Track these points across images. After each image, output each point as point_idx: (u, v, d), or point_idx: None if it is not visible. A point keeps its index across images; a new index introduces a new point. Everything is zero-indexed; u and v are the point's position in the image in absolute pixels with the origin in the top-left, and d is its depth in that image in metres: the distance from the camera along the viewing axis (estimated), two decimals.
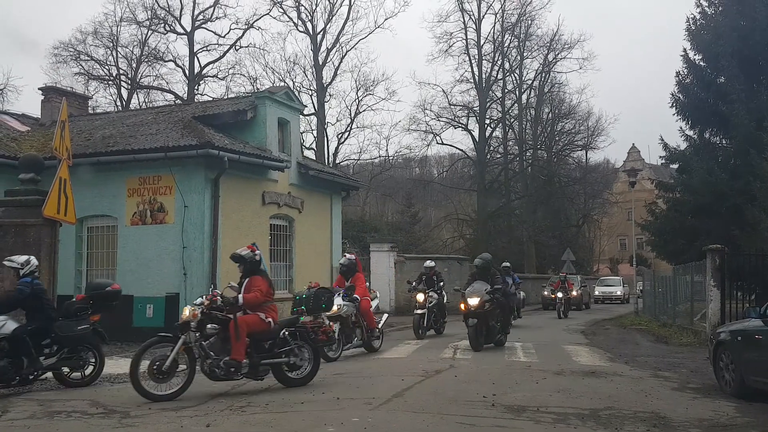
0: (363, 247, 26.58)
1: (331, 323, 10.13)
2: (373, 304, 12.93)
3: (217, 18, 38.18)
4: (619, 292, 37.78)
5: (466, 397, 7.62)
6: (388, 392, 7.83)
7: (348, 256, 12.81)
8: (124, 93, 37.95)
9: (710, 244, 14.82)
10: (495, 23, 43.11)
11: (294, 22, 39.63)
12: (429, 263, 16.38)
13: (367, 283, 13.13)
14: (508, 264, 19.59)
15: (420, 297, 15.38)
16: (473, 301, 12.37)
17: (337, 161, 39.90)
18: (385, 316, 13.58)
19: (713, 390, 8.40)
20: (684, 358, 12.13)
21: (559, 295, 24.03)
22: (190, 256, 13.48)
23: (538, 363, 10.95)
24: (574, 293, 27.41)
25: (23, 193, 10.71)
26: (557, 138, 46.92)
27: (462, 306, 12.85)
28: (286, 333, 8.28)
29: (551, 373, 9.66)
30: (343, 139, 41.04)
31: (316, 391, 7.99)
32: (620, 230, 59.14)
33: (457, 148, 45.65)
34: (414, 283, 16.02)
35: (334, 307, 11.17)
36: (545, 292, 30.00)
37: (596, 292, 37.42)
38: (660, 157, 23.69)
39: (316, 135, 39.88)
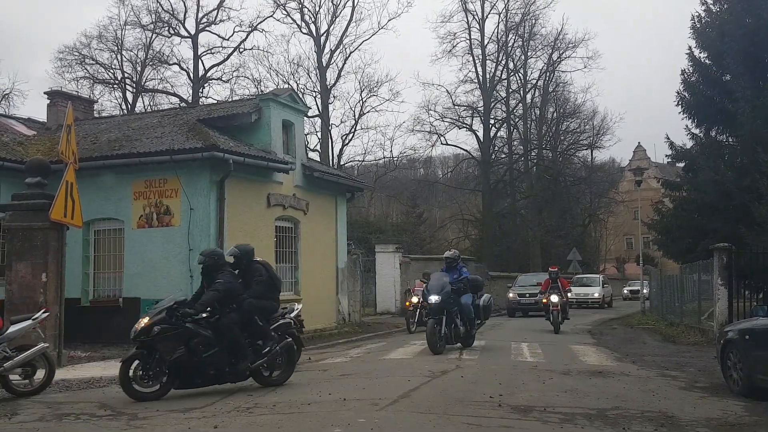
0: (368, 248, 26.59)
1: None
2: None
3: (221, 21, 38.37)
4: (597, 294, 31.88)
5: (473, 397, 7.62)
6: (394, 393, 7.83)
7: None
8: (129, 96, 38.14)
9: (717, 243, 14.78)
10: (499, 23, 43.30)
11: (297, 24, 39.76)
12: (234, 250, 9.18)
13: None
14: (451, 253, 13.89)
15: None
16: (140, 323, 8.04)
17: (342, 163, 39.95)
18: (41, 345, 8.52)
19: (721, 389, 8.37)
20: (691, 357, 12.10)
21: (553, 299, 17.55)
22: (196, 259, 13.49)
23: (544, 363, 10.94)
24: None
25: (30, 197, 10.76)
26: (562, 137, 46.92)
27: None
28: None
29: (558, 373, 9.65)
30: (347, 141, 41.15)
31: (322, 392, 8.01)
32: (626, 229, 59.04)
33: (461, 148, 45.82)
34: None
35: None
36: (510, 294, 26.45)
37: (569, 294, 34.59)
38: (666, 155, 23.61)
39: (320, 137, 40.00)
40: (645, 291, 28.61)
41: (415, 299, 18.92)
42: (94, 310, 14.09)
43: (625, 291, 45.40)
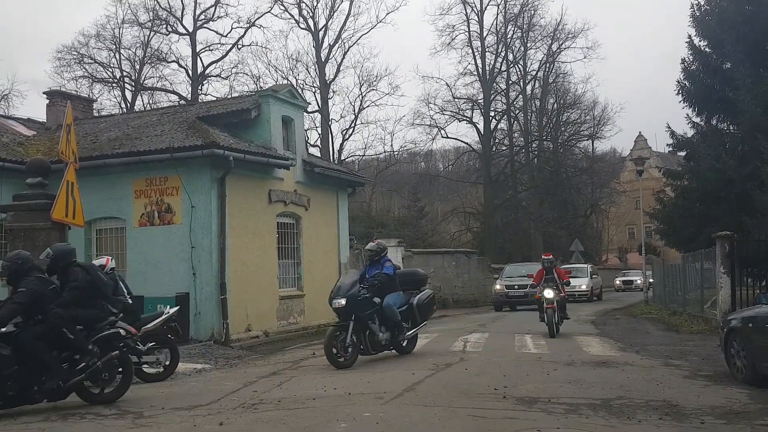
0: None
1: None
2: None
3: (218, 17, 38.27)
4: (584, 287, 28.31)
5: (477, 389, 7.63)
6: (399, 386, 7.85)
7: None
8: (129, 95, 38.17)
9: (719, 231, 14.75)
10: (497, 14, 43.15)
11: (295, 19, 39.70)
12: (47, 252, 8.05)
13: None
14: (373, 245, 11.33)
15: None
16: None
17: (342, 158, 39.94)
18: None
19: (725, 377, 8.38)
20: (695, 345, 12.10)
21: (548, 294, 13.66)
22: (198, 256, 13.53)
23: (548, 354, 10.94)
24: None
25: (31, 198, 10.75)
26: (563, 128, 46.84)
27: None
28: None
29: (562, 364, 9.66)
30: (347, 136, 41.14)
31: (327, 387, 8.02)
32: (628, 219, 58.94)
33: (462, 141, 45.73)
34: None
35: None
36: (497, 286, 25.09)
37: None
38: (667, 144, 23.51)
39: (320, 132, 40.00)
40: (640, 281, 27.98)
41: None
42: None
43: (618, 281, 42.98)
